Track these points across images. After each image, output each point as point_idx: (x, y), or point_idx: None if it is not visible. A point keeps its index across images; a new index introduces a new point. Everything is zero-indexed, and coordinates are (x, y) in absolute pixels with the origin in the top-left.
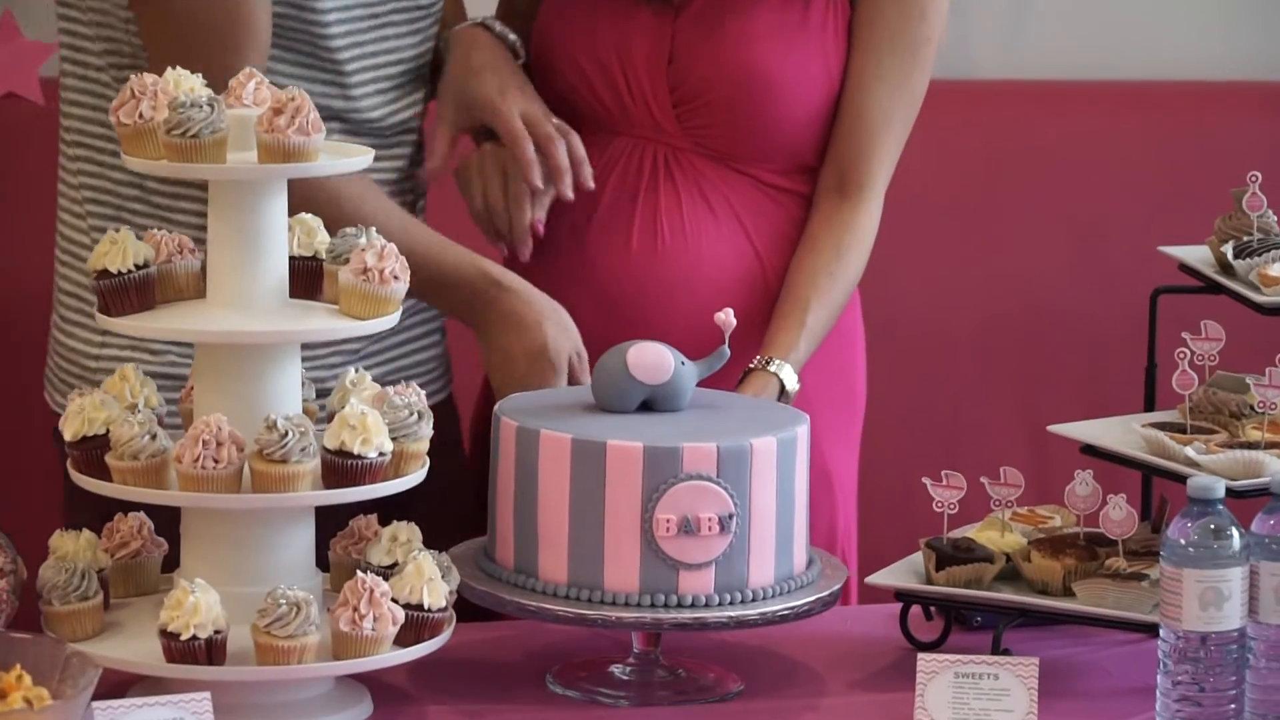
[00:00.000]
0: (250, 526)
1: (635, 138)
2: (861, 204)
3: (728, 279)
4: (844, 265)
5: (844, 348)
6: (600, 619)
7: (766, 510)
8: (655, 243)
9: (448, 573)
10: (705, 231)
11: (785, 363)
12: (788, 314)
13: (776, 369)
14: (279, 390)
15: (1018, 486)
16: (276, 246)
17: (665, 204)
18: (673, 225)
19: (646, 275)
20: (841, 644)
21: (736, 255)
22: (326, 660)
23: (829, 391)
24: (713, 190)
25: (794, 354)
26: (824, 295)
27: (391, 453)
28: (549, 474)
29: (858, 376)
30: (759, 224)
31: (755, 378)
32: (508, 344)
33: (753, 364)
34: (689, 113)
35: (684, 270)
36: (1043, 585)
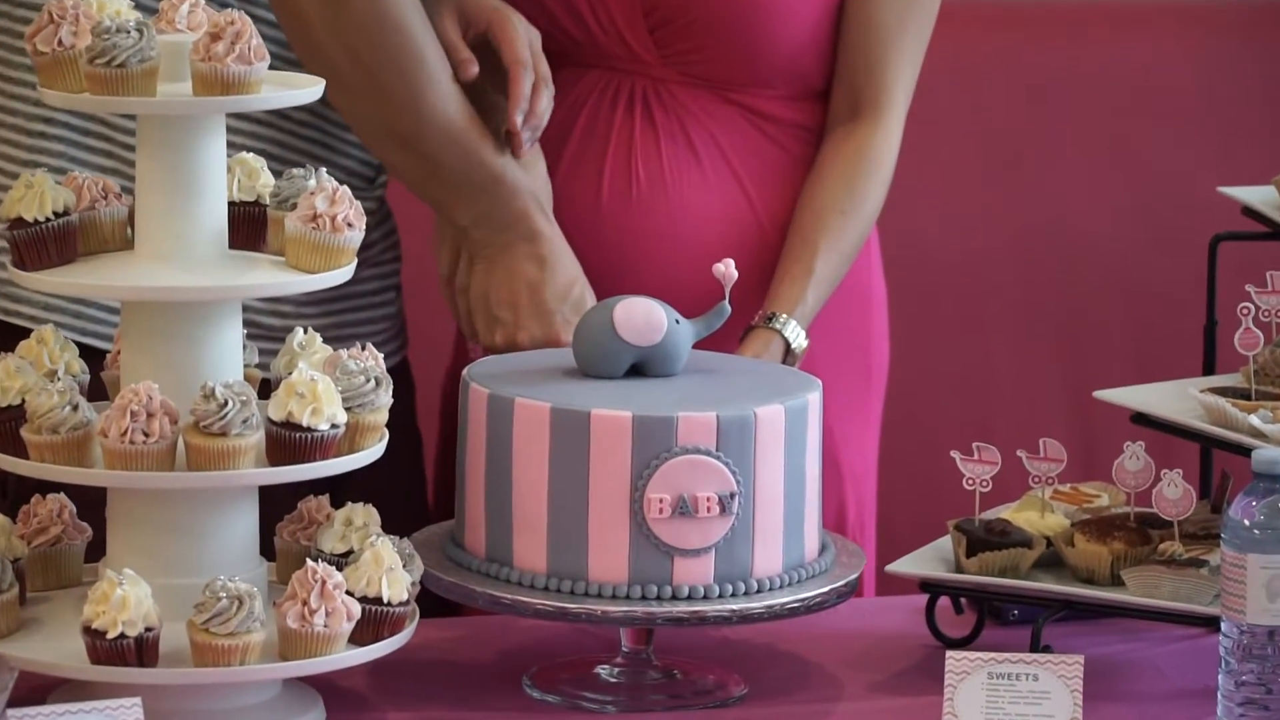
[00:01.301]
0: (185, 509)
1: (610, 70)
2: (878, 126)
3: (715, 231)
4: (858, 200)
5: (858, 306)
6: (584, 613)
7: (773, 488)
8: (629, 191)
9: (410, 561)
10: (687, 176)
11: (791, 318)
12: (793, 261)
13: (780, 326)
14: (217, 354)
15: (1059, 461)
16: (214, 190)
17: (641, 146)
18: (649, 170)
19: (619, 229)
20: (859, 641)
21: (725, 202)
22: (272, 661)
23: (838, 359)
24: (697, 128)
25: (801, 307)
26: (835, 237)
27: (345, 425)
28: (525, 448)
29: (875, 341)
30: (752, 166)
31: (756, 336)
32: (529, 272)
33: (754, 321)
34: (669, 37)
35: (662, 222)
36: (1088, 573)
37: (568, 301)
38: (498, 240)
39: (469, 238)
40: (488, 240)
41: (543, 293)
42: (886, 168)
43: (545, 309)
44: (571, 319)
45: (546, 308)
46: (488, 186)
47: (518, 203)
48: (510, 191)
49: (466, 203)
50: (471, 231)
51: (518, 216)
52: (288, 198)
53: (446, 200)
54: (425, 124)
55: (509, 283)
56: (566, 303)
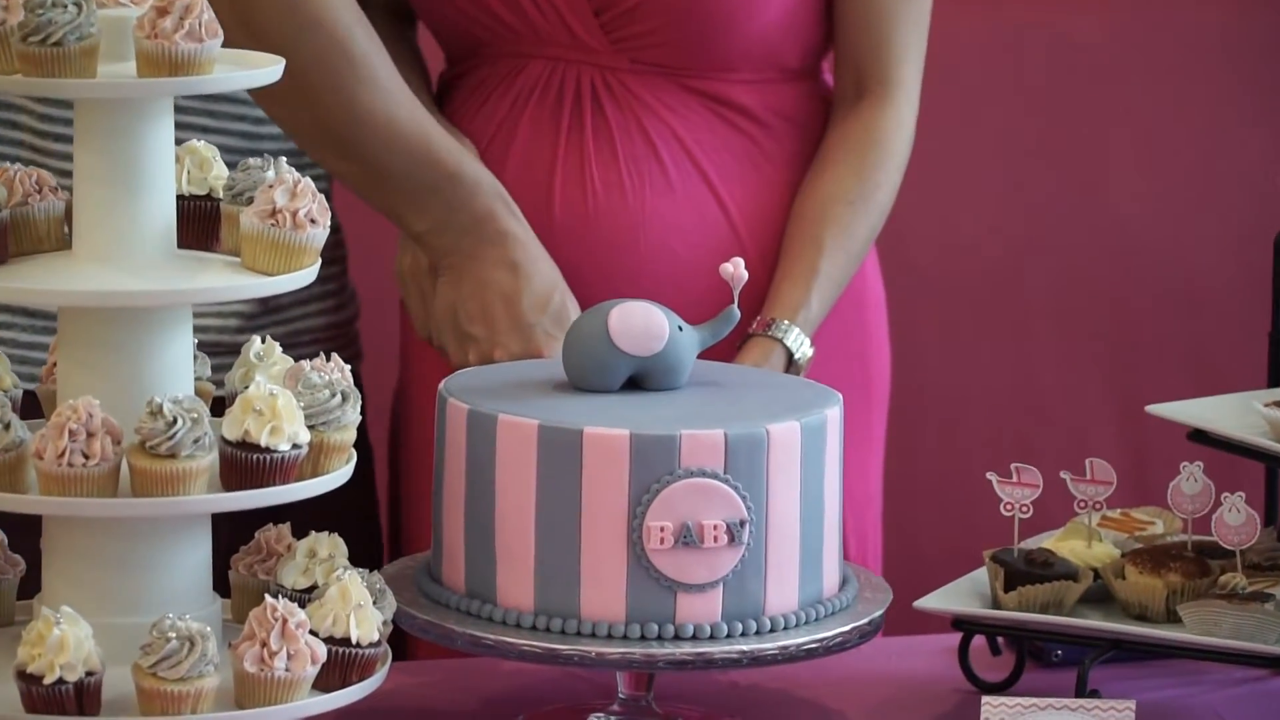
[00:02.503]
0: (130, 539)
1: (553, 60)
2: (888, 106)
3: (684, 240)
4: (868, 189)
5: (851, 311)
6: (576, 655)
7: (788, 515)
8: (583, 202)
9: (381, 598)
10: (649, 180)
11: (793, 325)
12: (795, 260)
13: (782, 334)
14: (165, 366)
15: (1108, 483)
16: (161, 183)
17: (594, 149)
18: (605, 176)
19: (576, 246)
20: (884, 686)
21: (693, 207)
22: (228, 709)
23: (832, 372)
24: (656, 123)
25: (804, 312)
26: (843, 233)
27: (309, 445)
28: (509, 470)
29: (873, 350)
30: (720, 163)
31: (754, 346)
32: (501, 281)
33: (751, 328)
34: (617, 18)
35: (624, 234)
36: (1140, 609)
37: (547, 312)
38: (462, 247)
39: (428, 246)
40: (450, 248)
41: (519, 304)
42: (900, 152)
43: (523, 322)
44: (553, 331)
45: (524, 320)
46: (442, 188)
47: (479, 202)
48: (469, 190)
49: (421, 208)
50: (430, 239)
51: (481, 218)
52: (243, 191)
53: (398, 207)
54: (361, 127)
55: (479, 294)
56: (546, 313)
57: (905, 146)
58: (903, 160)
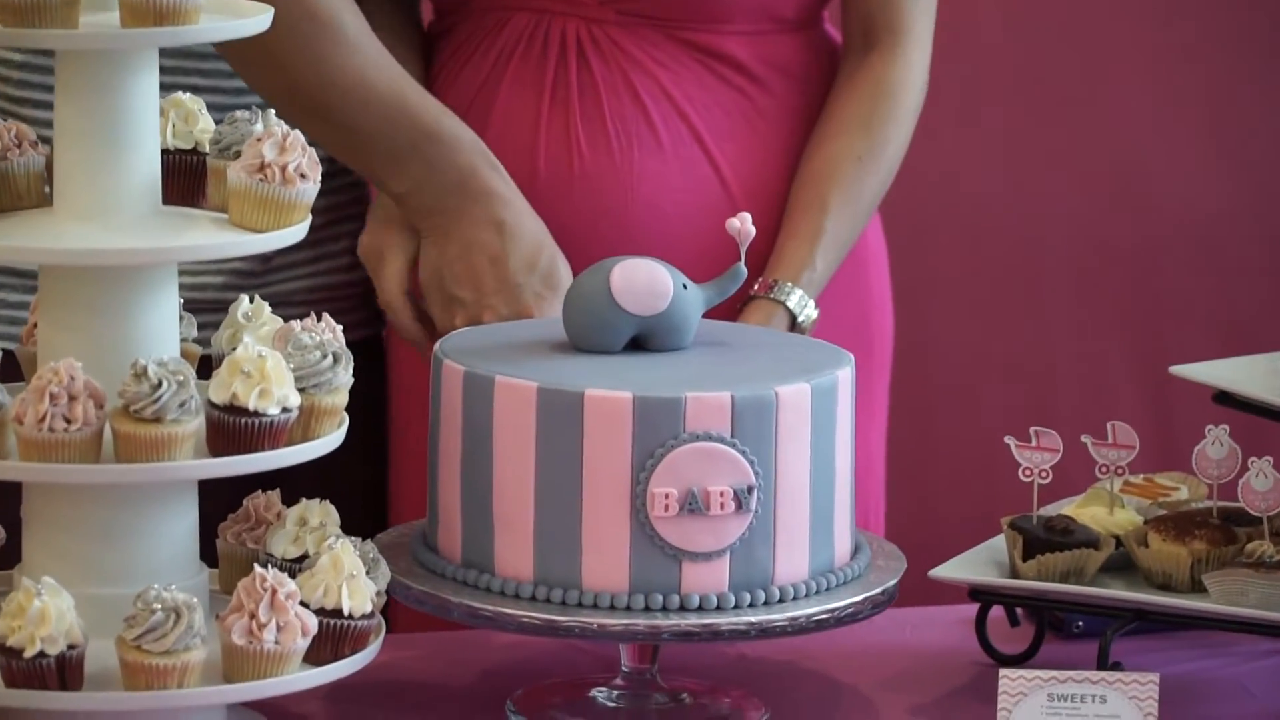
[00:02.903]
0: (113, 507)
1: (539, 12)
2: (898, 56)
3: (674, 201)
4: (877, 144)
5: (851, 267)
6: (577, 627)
7: (798, 481)
8: (569, 163)
9: (374, 567)
10: (637, 139)
11: (796, 287)
12: (799, 218)
13: (784, 296)
14: (150, 326)
15: (1130, 448)
16: (145, 137)
17: (580, 106)
18: (591, 136)
19: (561, 209)
20: (898, 658)
21: (684, 167)
22: (215, 683)
23: (830, 330)
24: (644, 78)
25: (808, 273)
26: (850, 189)
27: (299, 408)
28: (507, 435)
29: (874, 308)
30: (712, 120)
31: (756, 309)
32: (487, 241)
33: (753, 290)
34: None
35: (611, 197)
36: (1164, 578)
37: (536, 271)
38: (445, 207)
39: (410, 208)
40: (433, 208)
41: (506, 264)
42: (910, 106)
43: (511, 282)
44: (543, 291)
45: (512, 281)
46: (420, 146)
47: (460, 159)
48: (449, 148)
49: (400, 169)
50: (411, 200)
51: (464, 176)
52: (230, 145)
53: (376, 169)
54: (333, 89)
55: (465, 256)
56: (535, 273)
57: (916, 99)
58: (913, 114)
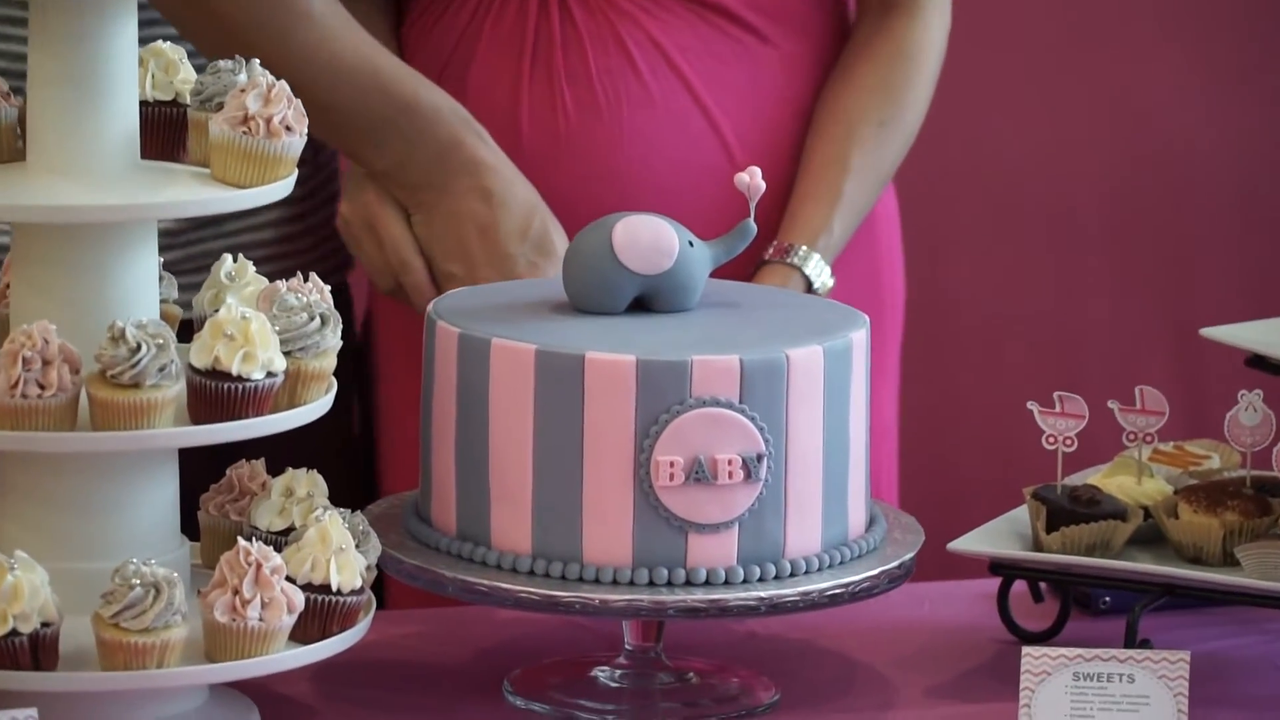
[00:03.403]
0: (90, 477)
1: None
2: (916, 18)
3: (667, 161)
4: (898, 108)
5: (861, 227)
6: (578, 603)
7: (810, 448)
8: (553, 124)
9: (364, 540)
10: (626, 94)
11: (813, 251)
12: (816, 180)
13: (800, 260)
14: (128, 287)
15: (1160, 414)
16: (123, 88)
17: (564, 62)
18: (577, 93)
19: (546, 173)
20: (916, 636)
21: (676, 123)
22: (197, 663)
23: (838, 292)
24: (632, 30)
25: (825, 238)
26: (870, 153)
27: (285, 373)
28: (504, 400)
29: (885, 268)
30: (706, 71)
31: (770, 273)
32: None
33: (767, 254)
34: None
35: (599, 159)
36: (1195, 551)
37: (528, 239)
38: (430, 181)
39: (394, 185)
40: (417, 183)
41: (495, 234)
42: (930, 69)
43: (502, 252)
44: (537, 260)
45: (503, 251)
46: (398, 121)
47: (442, 131)
48: (429, 120)
49: (379, 145)
50: (394, 177)
51: (446, 147)
52: (212, 96)
53: (354, 146)
54: (301, 66)
55: (454, 228)
56: (526, 241)
57: (936, 63)
58: (933, 77)
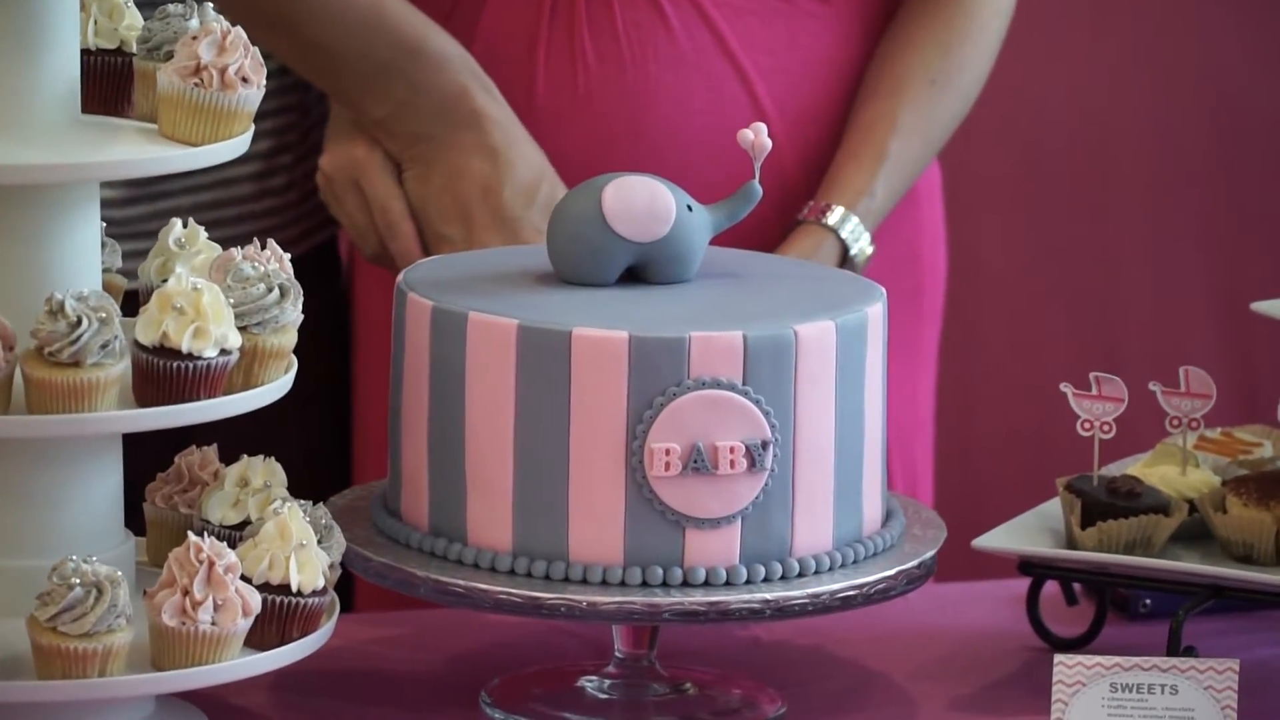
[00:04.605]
0: (25, 465)
1: None
2: None
3: (695, 123)
4: (954, 68)
5: (900, 201)
6: (564, 605)
7: (820, 435)
8: (573, 79)
9: (327, 535)
10: (653, 49)
11: (851, 213)
12: (860, 139)
13: (837, 223)
14: (67, 255)
15: (1207, 397)
16: (63, 35)
17: (588, 10)
18: (599, 47)
19: (563, 131)
20: (937, 642)
21: (707, 82)
22: (143, 670)
23: (874, 268)
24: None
25: (866, 200)
26: (920, 113)
27: (240, 350)
28: (482, 381)
29: (926, 246)
30: (746, 29)
31: (804, 235)
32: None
33: (802, 213)
34: None
35: (621, 117)
36: (1244, 548)
37: (535, 203)
38: (430, 133)
39: (390, 134)
40: (416, 135)
41: (499, 195)
42: (993, 27)
43: (507, 215)
44: (542, 226)
45: (508, 213)
46: (402, 65)
47: (448, 79)
48: (436, 66)
49: (378, 91)
50: (391, 126)
51: (451, 97)
52: (161, 44)
53: (350, 91)
54: (298, 2)
55: (453, 187)
56: (534, 205)
57: (1001, 19)
58: (996, 38)
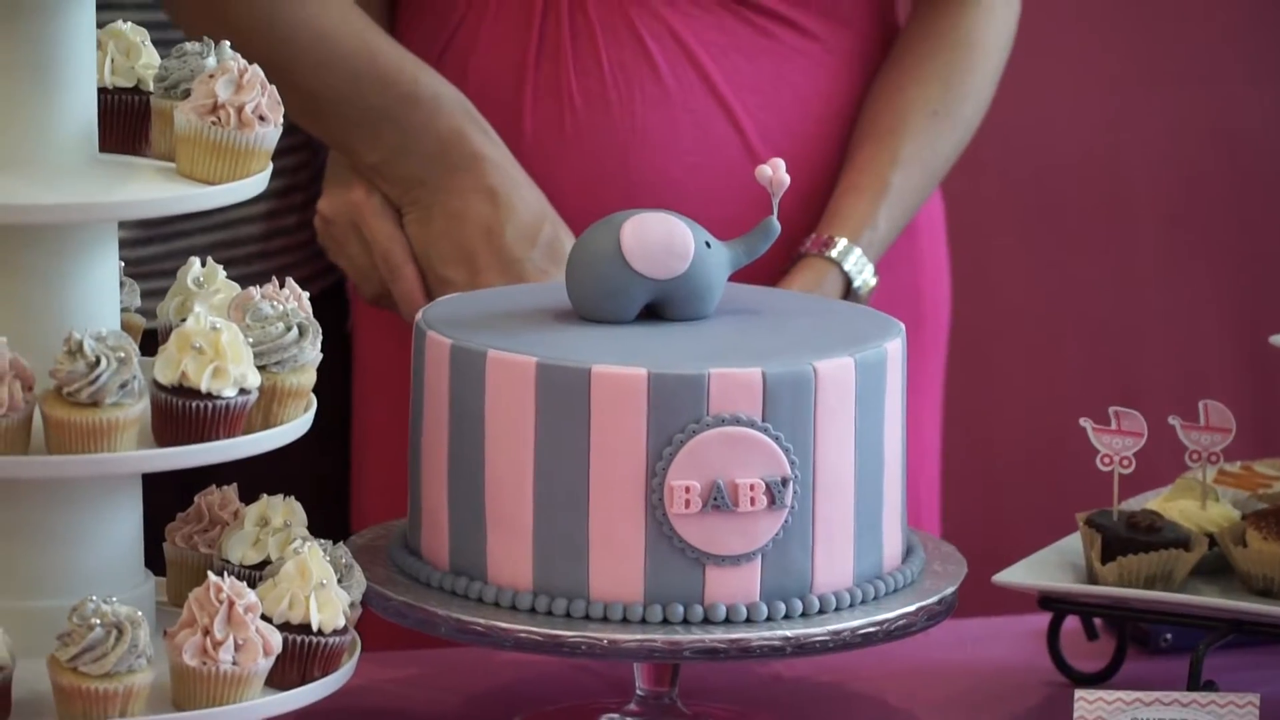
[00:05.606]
0: (45, 506)
1: None
2: (984, 4)
3: (683, 163)
4: (955, 99)
5: (901, 234)
6: (584, 644)
7: (840, 472)
8: (559, 119)
9: (348, 575)
10: (640, 89)
11: (854, 245)
12: (861, 170)
13: (840, 256)
14: (86, 295)
15: (1226, 431)
16: (80, 74)
17: (575, 51)
18: (586, 86)
19: (550, 171)
20: (958, 678)
21: (696, 121)
22: (164, 711)
23: (875, 302)
24: (650, 21)
25: (869, 233)
26: (922, 145)
27: (259, 389)
28: (503, 419)
29: (927, 276)
30: (730, 65)
31: (806, 268)
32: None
33: (804, 246)
34: None
35: (609, 158)
36: (1265, 582)
37: (537, 244)
38: (427, 177)
39: (386, 179)
40: (413, 178)
41: (501, 236)
42: (994, 58)
43: (510, 256)
44: (548, 267)
45: (511, 255)
46: (395, 111)
47: (442, 123)
48: (429, 111)
49: (372, 137)
50: (387, 171)
51: (448, 141)
52: (178, 82)
53: (344, 137)
54: (287, 46)
55: (454, 230)
56: (536, 246)
57: (999, 54)
58: (996, 69)
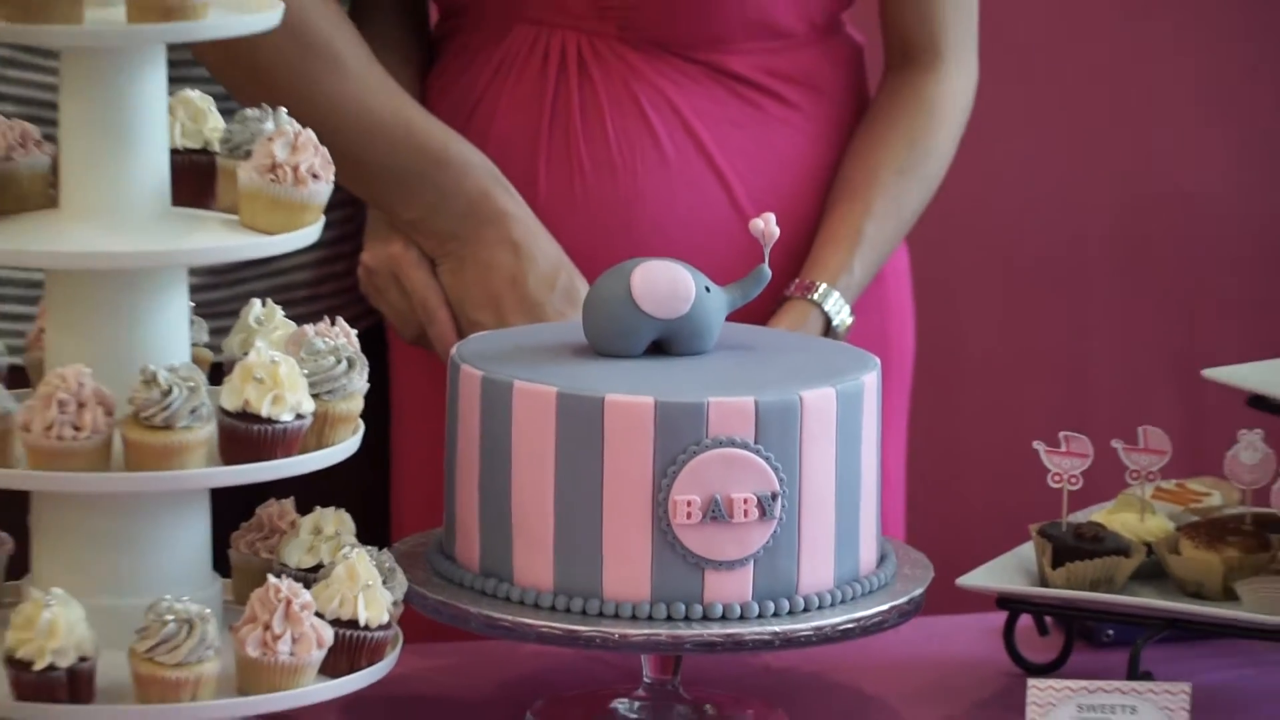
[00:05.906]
0: (124, 517)
1: (536, 24)
2: (939, 72)
3: (680, 221)
4: (919, 157)
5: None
6: (598, 637)
7: (823, 488)
8: (570, 182)
9: (391, 577)
10: (641, 155)
11: (833, 289)
12: (838, 222)
13: (820, 298)
14: (160, 331)
15: (1162, 453)
16: (153, 136)
17: (582, 122)
18: (594, 152)
19: (562, 228)
20: (926, 669)
21: (691, 185)
22: (230, 696)
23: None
24: (650, 93)
25: (846, 277)
26: (891, 199)
27: (313, 415)
28: (526, 441)
29: (892, 315)
30: (721, 134)
31: (791, 310)
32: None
33: (788, 290)
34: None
35: (614, 216)
36: (1196, 586)
37: (555, 290)
38: (459, 232)
39: (422, 234)
40: (446, 233)
41: (525, 284)
42: (954, 121)
43: (531, 301)
44: (564, 309)
45: (532, 300)
46: (429, 174)
47: (471, 183)
48: (459, 173)
49: (408, 197)
50: (423, 226)
51: (476, 200)
52: (240, 144)
53: (383, 197)
54: (332, 117)
55: (483, 280)
56: (555, 291)
57: (960, 114)
58: (957, 129)
